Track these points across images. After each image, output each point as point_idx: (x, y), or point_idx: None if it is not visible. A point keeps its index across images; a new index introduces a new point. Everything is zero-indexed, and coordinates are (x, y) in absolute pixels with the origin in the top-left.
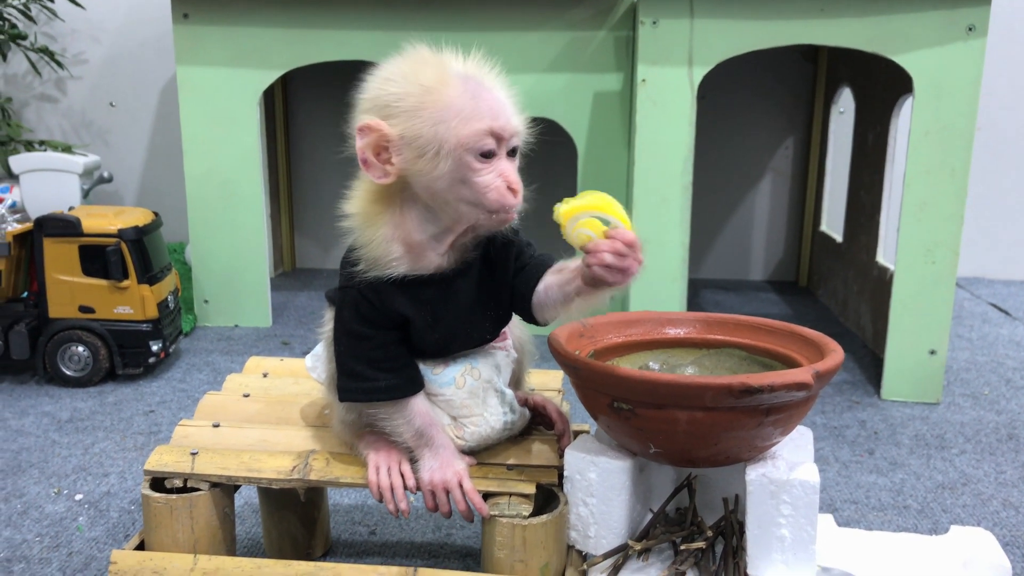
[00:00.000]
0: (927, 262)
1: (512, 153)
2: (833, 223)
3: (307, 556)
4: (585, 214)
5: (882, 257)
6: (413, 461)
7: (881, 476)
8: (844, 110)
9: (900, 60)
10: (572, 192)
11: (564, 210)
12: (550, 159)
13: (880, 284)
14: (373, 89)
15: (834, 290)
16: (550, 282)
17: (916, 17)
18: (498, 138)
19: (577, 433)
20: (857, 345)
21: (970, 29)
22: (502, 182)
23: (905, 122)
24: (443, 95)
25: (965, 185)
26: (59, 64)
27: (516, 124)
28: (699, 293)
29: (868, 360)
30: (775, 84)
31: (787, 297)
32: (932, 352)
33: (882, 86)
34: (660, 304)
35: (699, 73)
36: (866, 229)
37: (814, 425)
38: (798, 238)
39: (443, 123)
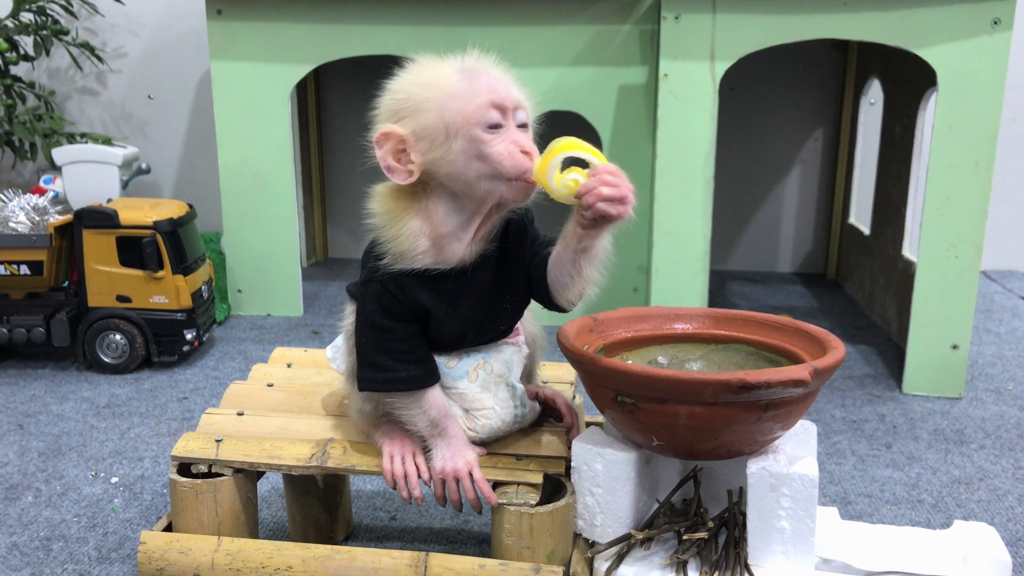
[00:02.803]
0: (950, 257)
1: (522, 128)
2: (862, 215)
3: (330, 540)
4: (557, 159)
5: (908, 251)
6: (426, 450)
7: (897, 470)
8: (874, 101)
9: (924, 54)
10: None
11: (537, 166)
12: None
13: (905, 278)
14: (383, 103)
15: (861, 283)
16: (553, 255)
17: (941, 11)
18: (501, 109)
19: (590, 425)
20: (882, 339)
21: (995, 23)
22: (515, 148)
23: (932, 115)
24: (442, 86)
25: (989, 180)
26: (99, 58)
27: (517, 95)
28: (726, 285)
29: (892, 354)
30: (805, 75)
31: (814, 290)
32: (954, 347)
33: (910, 78)
34: (682, 297)
35: (721, 68)
36: (893, 222)
37: (833, 418)
38: (827, 230)
39: (446, 108)
